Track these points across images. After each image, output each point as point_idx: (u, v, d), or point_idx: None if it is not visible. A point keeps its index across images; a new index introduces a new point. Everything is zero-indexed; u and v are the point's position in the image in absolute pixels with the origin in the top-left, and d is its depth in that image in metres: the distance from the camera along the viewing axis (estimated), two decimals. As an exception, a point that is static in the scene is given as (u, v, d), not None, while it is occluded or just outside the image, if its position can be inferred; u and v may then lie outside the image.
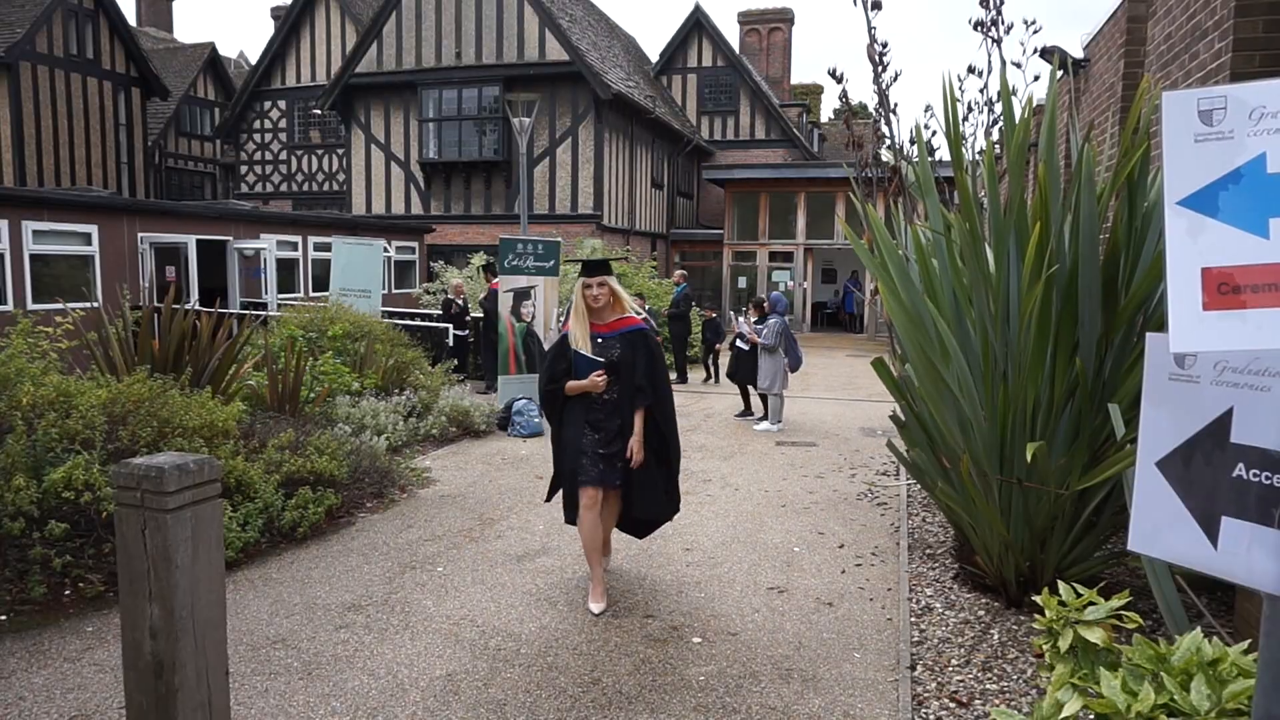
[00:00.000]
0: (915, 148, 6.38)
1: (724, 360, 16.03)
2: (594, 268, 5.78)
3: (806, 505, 8.39)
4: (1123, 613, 3.31)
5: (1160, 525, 2.75)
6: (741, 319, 13.47)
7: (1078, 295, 4.98)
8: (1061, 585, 3.47)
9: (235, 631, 5.26)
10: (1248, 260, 2.32)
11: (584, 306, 5.76)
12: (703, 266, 31.81)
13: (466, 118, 26.32)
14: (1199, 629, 2.99)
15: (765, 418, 13.12)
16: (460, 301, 16.64)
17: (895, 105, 6.57)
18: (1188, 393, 2.63)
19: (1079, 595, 3.39)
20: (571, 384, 5.73)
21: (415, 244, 25.53)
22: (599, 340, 5.74)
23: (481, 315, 15.99)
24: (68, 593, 5.72)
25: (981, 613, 5.61)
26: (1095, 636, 3.20)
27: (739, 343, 13.17)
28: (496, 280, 13.75)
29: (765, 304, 13.43)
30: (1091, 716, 2.87)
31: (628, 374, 5.71)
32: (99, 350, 8.28)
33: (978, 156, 6.15)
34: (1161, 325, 4.87)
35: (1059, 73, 5.81)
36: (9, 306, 14.21)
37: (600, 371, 5.66)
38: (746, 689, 4.70)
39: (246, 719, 4.34)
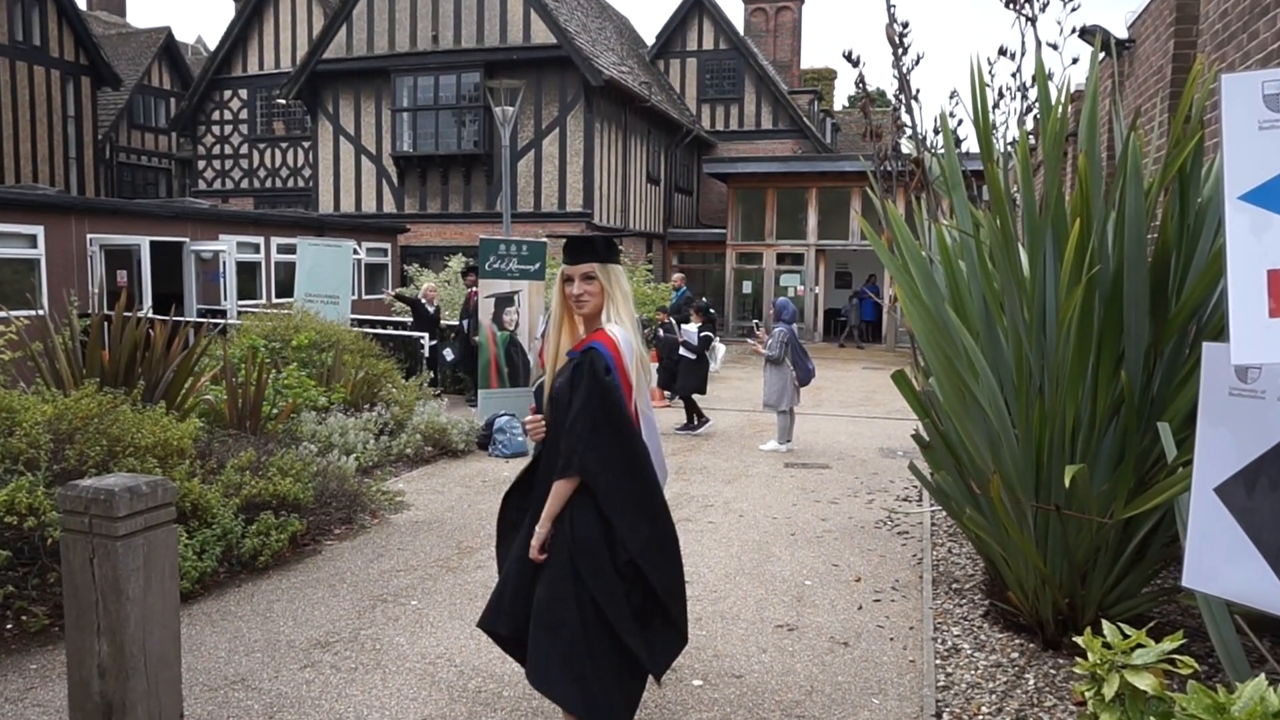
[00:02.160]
0: (940, 138, 6.35)
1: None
2: (579, 249, 3.99)
3: (819, 534, 8.34)
4: (1175, 656, 3.26)
5: (1218, 559, 2.70)
6: (687, 325, 13.49)
7: (1122, 301, 4.93)
8: (1105, 625, 3.42)
9: (190, 670, 5.20)
10: (1323, 262, 2.27)
11: (561, 311, 4.04)
12: (703, 269, 31.83)
13: (444, 107, 26.32)
14: (1262, 675, 2.94)
15: (692, 425, 13.15)
16: (431, 309, 16.70)
17: (917, 91, 6.55)
18: (1251, 410, 2.58)
19: (1125, 636, 3.35)
20: (529, 424, 4.06)
21: (388, 245, 25.51)
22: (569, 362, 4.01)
23: (456, 322, 16.05)
24: (9, 626, 5.69)
25: (1015, 655, 5.55)
26: (1144, 683, 3.15)
27: (683, 350, 13.19)
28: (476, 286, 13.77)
29: (707, 308, 13.55)
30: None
31: (555, 425, 3.92)
32: (44, 362, 8.25)
33: (1010, 148, 6.12)
34: (1219, 334, 4.82)
35: (1100, 55, 5.78)
36: (-56, 314, 14.16)
37: (532, 408, 4.12)
38: (755, 738, 4.65)
39: (199, 772, 4.29)
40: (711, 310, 13.83)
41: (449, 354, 16.16)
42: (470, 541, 7.83)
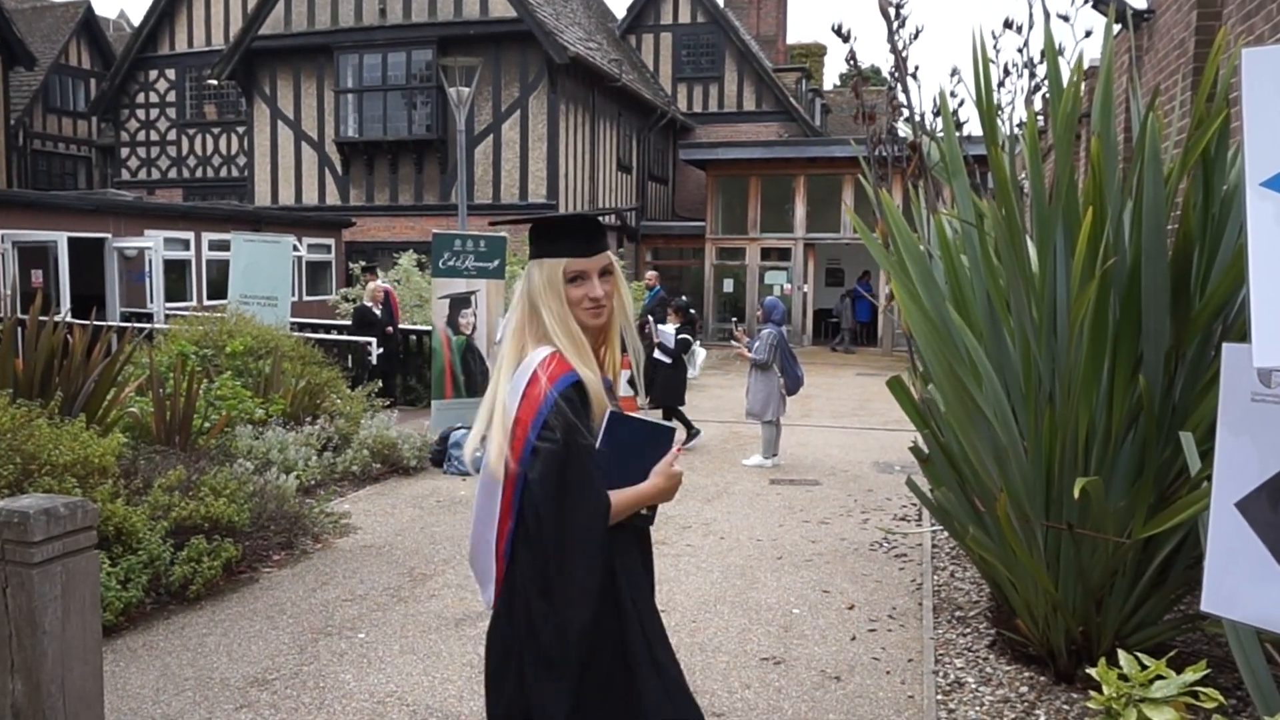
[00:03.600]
0: (939, 120, 6.37)
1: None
2: (591, 234, 3.21)
3: (808, 557, 8.35)
4: (1198, 689, 3.28)
5: (1240, 580, 2.71)
6: (663, 326, 13.49)
7: (1140, 299, 4.94)
8: (1122, 655, 3.44)
9: (114, 711, 5.15)
10: (1354, 254, 2.28)
11: (577, 326, 3.05)
12: (680, 266, 31.81)
13: (393, 88, 26.27)
14: (1293, 706, 2.96)
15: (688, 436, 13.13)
16: (378, 311, 16.69)
17: (915, 69, 6.57)
18: (1275, 417, 2.58)
19: (1144, 667, 3.36)
20: (650, 483, 3.07)
21: (331, 241, 25.45)
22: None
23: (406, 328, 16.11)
24: (-98, 670, 5.62)
25: (1024, 689, 5.58)
26: (1164, 718, 3.17)
27: (657, 353, 13.19)
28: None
29: (687, 307, 13.53)
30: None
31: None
32: (-51, 372, 8.19)
33: (1016, 130, 6.15)
34: (1244, 335, 4.85)
35: (1116, 27, 5.81)
36: None
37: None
38: (740, 782, 4.65)
39: (123, 826, 4.26)
40: (692, 310, 13.78)
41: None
42: (423, 568, 7.80)
